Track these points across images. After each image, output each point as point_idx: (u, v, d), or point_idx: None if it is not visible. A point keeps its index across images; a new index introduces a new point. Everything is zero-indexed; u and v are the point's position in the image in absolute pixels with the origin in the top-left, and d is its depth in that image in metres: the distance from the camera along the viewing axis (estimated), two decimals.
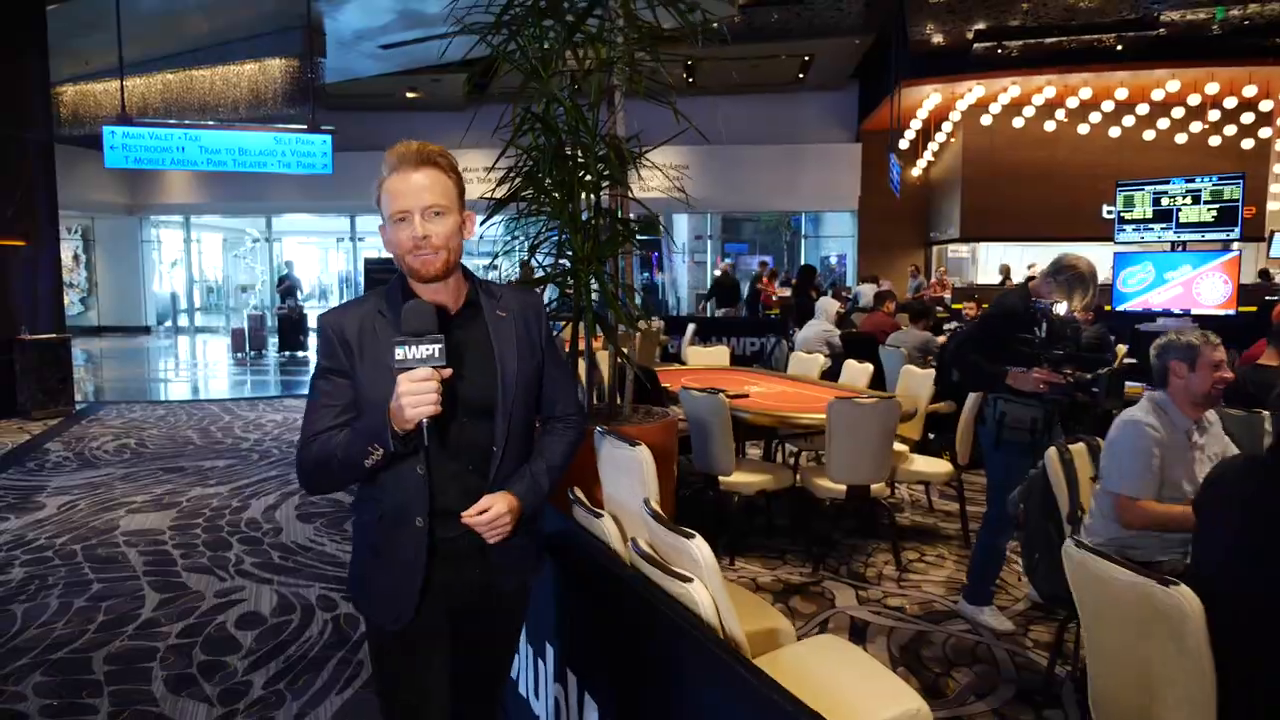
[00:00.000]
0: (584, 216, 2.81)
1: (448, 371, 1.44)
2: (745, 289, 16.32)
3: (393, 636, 1.63)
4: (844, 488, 4.16)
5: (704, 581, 1.62)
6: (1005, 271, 15.27)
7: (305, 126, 10.08)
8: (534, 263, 2.90)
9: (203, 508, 5.32)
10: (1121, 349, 7.19)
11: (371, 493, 1.61)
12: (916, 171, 16.82)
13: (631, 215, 3.20)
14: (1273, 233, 17.61)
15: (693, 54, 3.32)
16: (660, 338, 9.72)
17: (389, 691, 1.68)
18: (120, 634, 3.47)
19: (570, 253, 2.76)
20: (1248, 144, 14.83)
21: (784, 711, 1.22)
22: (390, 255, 1.59)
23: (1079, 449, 2.99)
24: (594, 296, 2.82)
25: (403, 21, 11.15)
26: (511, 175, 2.74)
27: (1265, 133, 14.84)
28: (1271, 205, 17.17)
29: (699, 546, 1.71)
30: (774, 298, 15.19)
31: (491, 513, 1.56)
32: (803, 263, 19.34)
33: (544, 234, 2.83)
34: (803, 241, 20.42)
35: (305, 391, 10.38)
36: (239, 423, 8.30)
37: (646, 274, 21.29)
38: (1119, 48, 13.27)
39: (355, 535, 1.72)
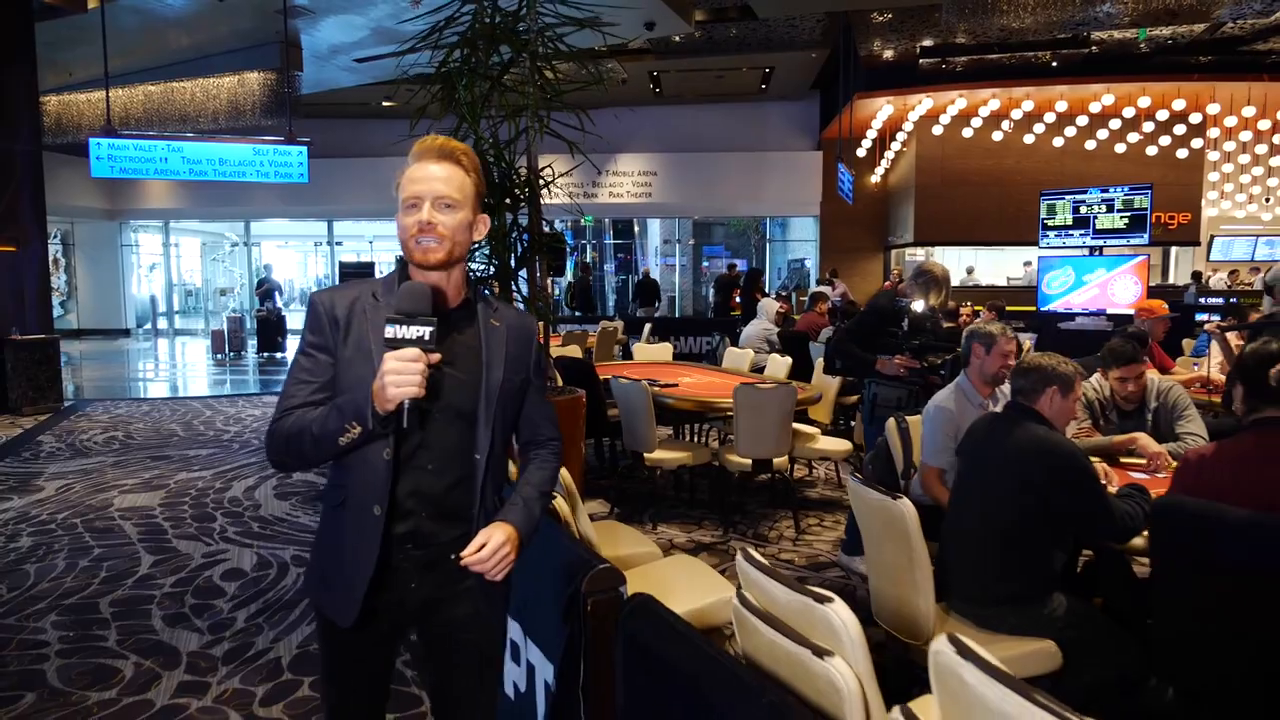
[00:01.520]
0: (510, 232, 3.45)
1: (436, 356, 1.43)
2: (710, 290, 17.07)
3: (337, 631, 1.61)
4: (750, 461, 4.82)
5: (563, 498, 2.25)
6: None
7: (283, 138, 10.64)
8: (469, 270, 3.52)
9: (189, 489, 5.91)
10: (1027, 343, 7.92)
11: (337, 476, 1.59)
12: (875, 178, 17.57)
13: (605, 219, 3.83)
14: (1212, 237, 18.49)
15: (656, 67, 3.91)
16: (619, 336, 10.36)
17: (328, 679, 1.72)
18: (121, 585, 4.07)
19: (495, 261, 3.40)
20: (1182, 154, 15.64)
21: (595, 565, 1.85)
22: (399, 247, 1.59)
23: (916, 420, 3.66)
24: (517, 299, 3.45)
25: (376, 37, 11.72)
26: None
27: (1197, 143, 15.67)
28: (1210, 211, 18.05)
29: (562, 473, 2.34)
30: (737, 299, 15.94)
31: (491, 545, 1.53)
32: (771, 266, 20.11)
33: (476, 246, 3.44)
34: (768, 245, 21.14)
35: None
36: (220, 417, 8.86)
37: (623, 276, 21.96)
38: (1054, 64, 14.08)
39: (320, 524, 1.69)
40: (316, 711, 2.88)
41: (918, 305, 4.00)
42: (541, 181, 3.42)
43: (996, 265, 18.53)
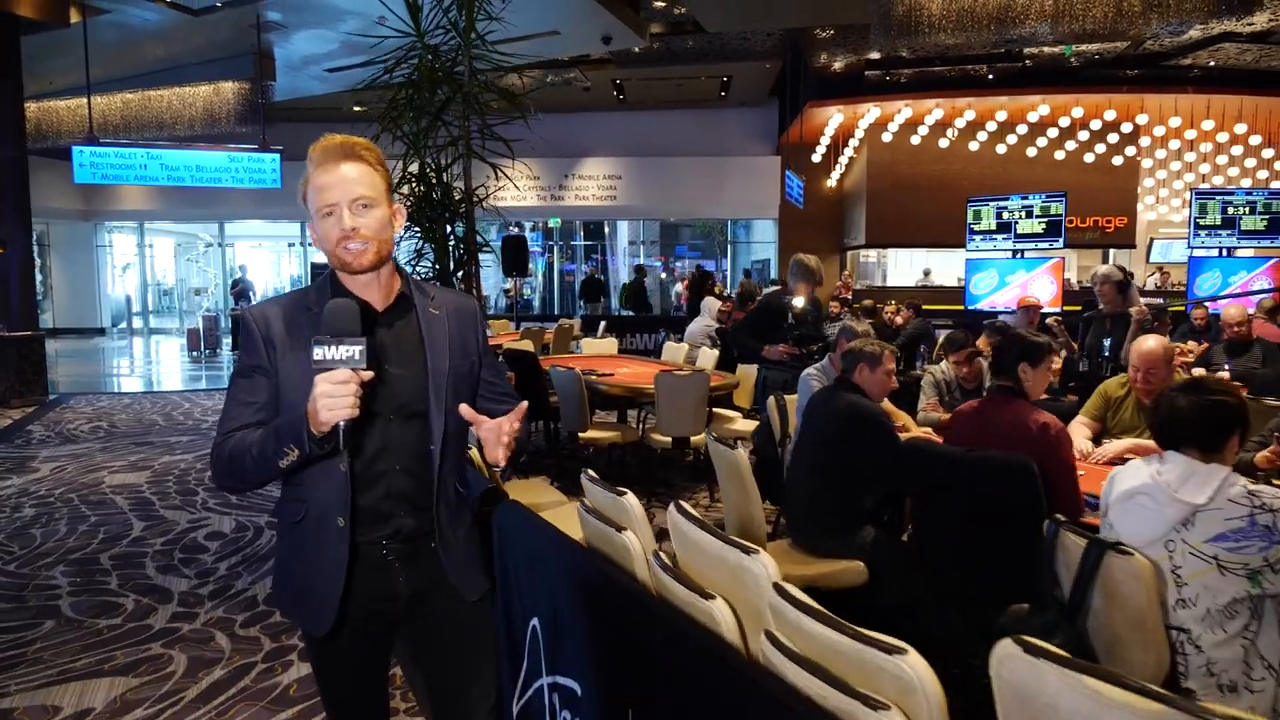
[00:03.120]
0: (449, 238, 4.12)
1: (368, 374, 1.41)
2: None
3: (321, 643, 1.62)
4: (670, 439, 5.53)
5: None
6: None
7: (256, 146, 11.22)
8: (416, 272, 4.20)
9: (172, 469, 6.52)
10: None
11: (295, 493, 1.58)
12: (831, 183, 18.38)
13: (576, 221, 4.45)
14: (1151, 240, 19.45)
15: (619, 75, 4.53)
16: (575, 333, 11.05)
17: (324, 692, 1.73)
18: (118, 544, 4.70)
19: (437, 266, 4.07)
20: (1117, 160, 16.52)
21: (487, 486, 2.54)
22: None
23: (793, 397, 4.38)
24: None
25: (346, 49, 12.31)
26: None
27: (1131, 151, 16.58)
28: (1149, 215, 19.01)
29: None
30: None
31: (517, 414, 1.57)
32: (736, 266, 20.89)
33: (423, 250, 4.13)
34: (729, 247, 21.90)
35: None
36: (198, 409, 9.44)
37: (603, 277, 22.68)
38: (990, 77, 14.95)
39: (279, 540, 1.68)
40: (288, 631, 3.54)
41: (798, 302, 4.74)
42: (476, 199, 4.11)
43: (948, 266, 19.36)
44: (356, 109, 17.94)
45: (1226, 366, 5.92)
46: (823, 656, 1.35)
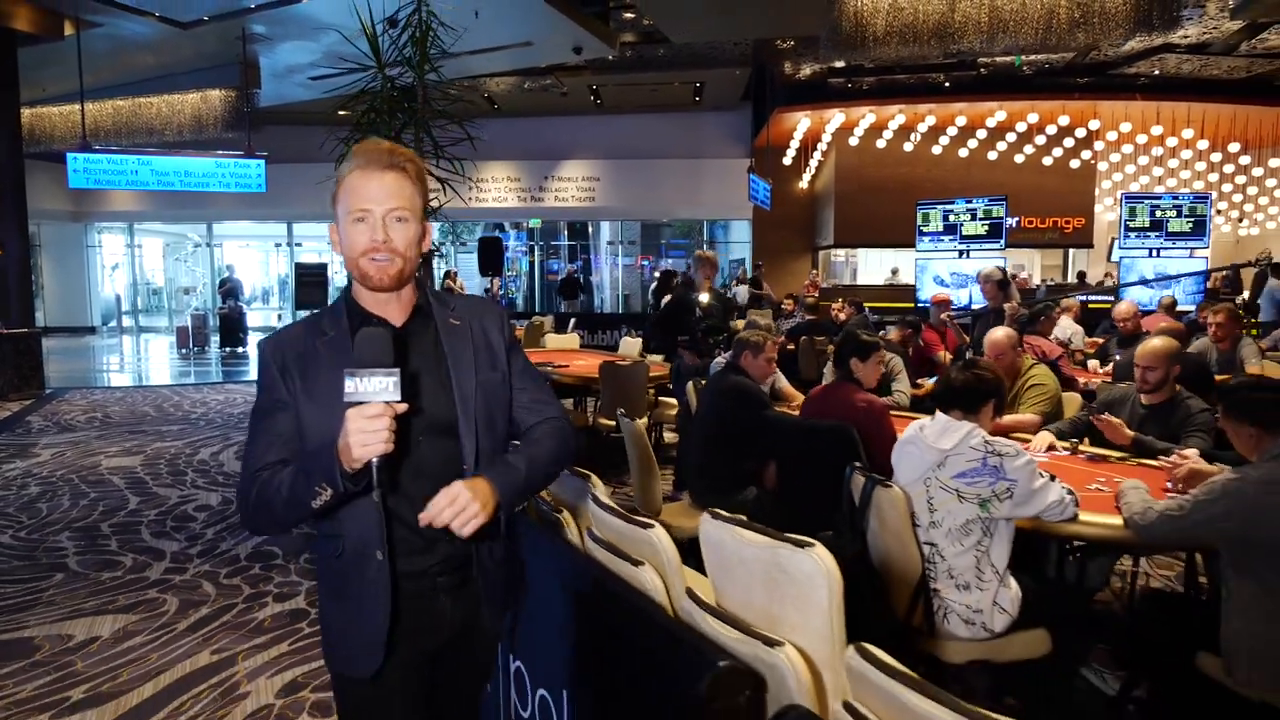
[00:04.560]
0: None
1: (403, 406, 1.34)
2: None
3: (359, 685, 1.54)
4: (614, 423, 6.15)
5: None
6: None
7: (242, 152, 11.79)
8: None
9: (163, 453, 7.11)
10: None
11: (330, 527, 1.50)
12: (803, 184, 19.03)
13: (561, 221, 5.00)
14: (1112, 240, 20.16)
15: (595, 81, 5.11)
16: (545, 329, 11.66)
17: None
18: (116, 515, 5.30)
19: None
20: (1075, 164, 17.23)
21: None
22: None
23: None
24: None
25: (328, 59, 12.86)
26: None
27: (1086, 155, 17.27)
28: (1109, 216, 19.71)
29: None
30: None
31: (450, 494, 1.40)
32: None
33: None
34: (705, 246, 22.55)
35: (246, 377, 12.03)
36: (187, 401, 10.01)
37: (580, 276, 23.30)
38: (946, 85, 15.61)
39: (320, 580, 1.60)
40: (264, 580, 4.15)
41: (704, 297, 5.40)
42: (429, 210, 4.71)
43: (906, 265, 19.99)
44: (341, 113, 18.55)
45: (1117, 356, 6.59)
46: (616, 539, 1.98)
